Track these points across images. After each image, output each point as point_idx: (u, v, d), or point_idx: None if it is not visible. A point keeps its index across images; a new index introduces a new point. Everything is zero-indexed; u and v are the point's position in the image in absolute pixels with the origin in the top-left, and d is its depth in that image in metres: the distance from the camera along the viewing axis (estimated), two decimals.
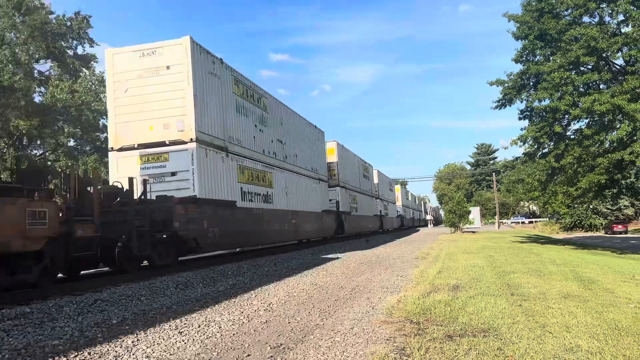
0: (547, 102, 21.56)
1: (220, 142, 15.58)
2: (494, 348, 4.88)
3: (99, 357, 5.06)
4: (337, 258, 17.14)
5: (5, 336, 5.88)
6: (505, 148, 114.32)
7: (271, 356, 5.02)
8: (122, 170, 14.02)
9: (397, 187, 64.56)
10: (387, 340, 5.37)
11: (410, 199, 78.98)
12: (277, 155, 20.98)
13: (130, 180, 11.70)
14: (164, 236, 12.40)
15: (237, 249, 19.81)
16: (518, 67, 24.10)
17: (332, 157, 31.07)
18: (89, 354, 5.19)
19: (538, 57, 22.95)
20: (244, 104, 17.88)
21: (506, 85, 23.47)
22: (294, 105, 33.50)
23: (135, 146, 14.20)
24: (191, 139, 13.86)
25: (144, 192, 12.13)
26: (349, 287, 9.73)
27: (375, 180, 46.70)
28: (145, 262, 12.76)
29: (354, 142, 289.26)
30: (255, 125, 18.82)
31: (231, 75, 17.05)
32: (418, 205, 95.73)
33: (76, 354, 5.17)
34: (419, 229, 70.49)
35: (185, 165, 13.87)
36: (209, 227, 14.13)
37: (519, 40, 23.17)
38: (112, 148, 14.62)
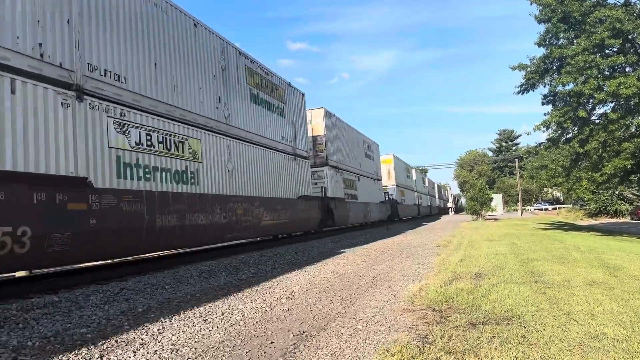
0: (571, 86, 21.14)
1: None
2: (518, 336, 4.85)
3: (126, 345, 5.16)
4: (358, 247, 17.17)
5: (36, 324, 6.04)
6: (528, 134, 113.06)
7: (294, 344, 5.07)
8: None
9: (387, 158, 42.33)
10: (409, 328, 5.37)
11: (415, 177, 58.01)
12: None
13: None
14: None
15: None
16: (541, 51, 23.71)
17: None
18: (116, 341, 5.30)
19: (561, 40, 22.47)
20: None
21: (529, 69, 23.07)
22: (312, 96, 24.55)
23: None
24: None
25: None
26: (370, 275, 9.74)
27: (319, 131, 24.82)
28: None
29: (372, 129, 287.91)
30: None
31: None
32: (429, 189, 74.50)
33: (103, 341, 5.29)
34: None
35: None
36: None
37: (542, 24, 22.70)
38: None
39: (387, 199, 40.04)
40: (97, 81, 9.46)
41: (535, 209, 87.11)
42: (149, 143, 10.76)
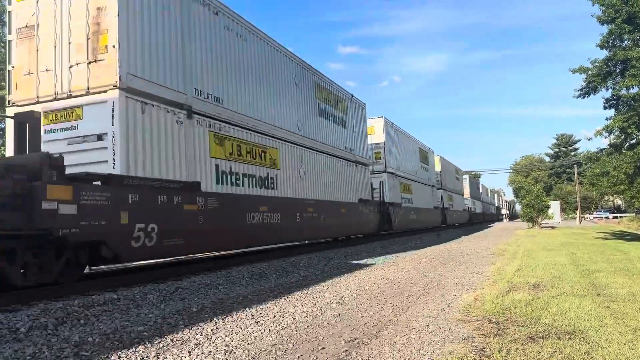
0: (635, 89, 20.12)
1: None
2: (581, 352, 4.61)
3: (181, 344, 5.27)
4: (408, 252, 16.94)
5: (96, 321, 6.27)
6: (589, 139, 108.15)
7: (346, 350, 5.02)
8: None
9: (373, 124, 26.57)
10: (465, 339, 5.21)
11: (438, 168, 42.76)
12: None
13: None
14: None
15: None
16: (603, 53, 22.69)
17: None
18: (172, 340, 5.41)
19: (626, 42, 21.42)
20: None
21: (590, 72, 22.12)
22: (361, 98, 23.94)
23: None
24: None
25: None
26: (422, 283, 9.57)
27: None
28: None
29: (423, 131, 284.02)
30: None
31: None
32: (464, 188, 56.88)
33: (160, 340, 5.42)
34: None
35: None
36: None
37: (605, 25, 21.73)
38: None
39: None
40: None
41: (594, 217, 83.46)
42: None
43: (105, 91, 9.07)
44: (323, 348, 5.13)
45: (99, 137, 9.04)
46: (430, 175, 37.60)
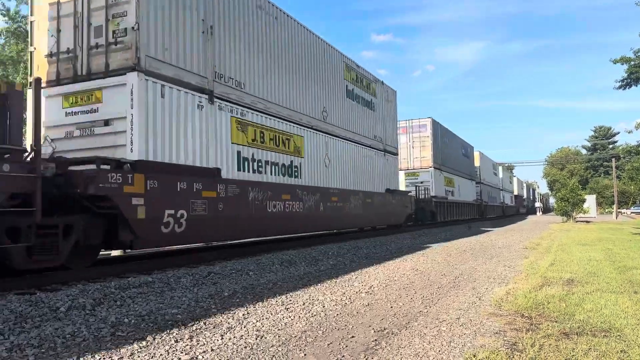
0: None
1: None
2: (617, 350, 4.51)
3: (214, 328, 5.37)
4: (437, 244, 16.82)
5: (131, 302, 6.45)
6: (629, 132, 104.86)
7: (375, 340, 5.04)
8: None
9: None
10: (496, 333, 5.16)
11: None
12: None
13: None
14: None
15: None
16: None
17: None
18: (205, 324, 5.53)
19: None
20: None
21: (632, 63, 21.42)
22: (393, 86, 23.01)
23: None
24: None
25: None
26: (452, 275, 9.49)
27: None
28: None
29: (456, 123, 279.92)
30: None
31: None
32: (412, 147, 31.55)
33: (193, 323, 5.54)
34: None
35: None
36: None
37: None
38: None
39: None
40: None
41: (632, 212, 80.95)
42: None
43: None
44: (352, 337, 5.16)
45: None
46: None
